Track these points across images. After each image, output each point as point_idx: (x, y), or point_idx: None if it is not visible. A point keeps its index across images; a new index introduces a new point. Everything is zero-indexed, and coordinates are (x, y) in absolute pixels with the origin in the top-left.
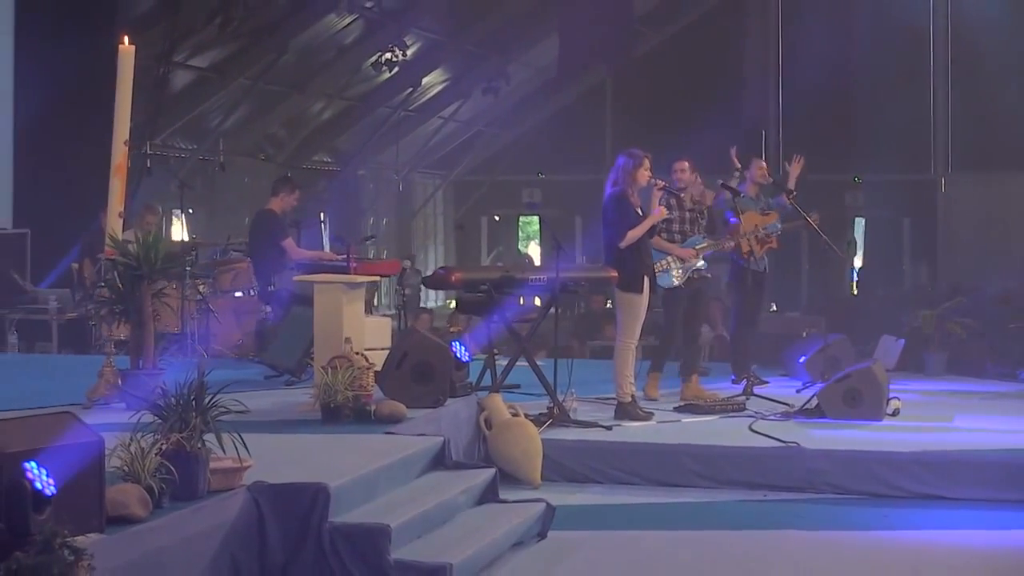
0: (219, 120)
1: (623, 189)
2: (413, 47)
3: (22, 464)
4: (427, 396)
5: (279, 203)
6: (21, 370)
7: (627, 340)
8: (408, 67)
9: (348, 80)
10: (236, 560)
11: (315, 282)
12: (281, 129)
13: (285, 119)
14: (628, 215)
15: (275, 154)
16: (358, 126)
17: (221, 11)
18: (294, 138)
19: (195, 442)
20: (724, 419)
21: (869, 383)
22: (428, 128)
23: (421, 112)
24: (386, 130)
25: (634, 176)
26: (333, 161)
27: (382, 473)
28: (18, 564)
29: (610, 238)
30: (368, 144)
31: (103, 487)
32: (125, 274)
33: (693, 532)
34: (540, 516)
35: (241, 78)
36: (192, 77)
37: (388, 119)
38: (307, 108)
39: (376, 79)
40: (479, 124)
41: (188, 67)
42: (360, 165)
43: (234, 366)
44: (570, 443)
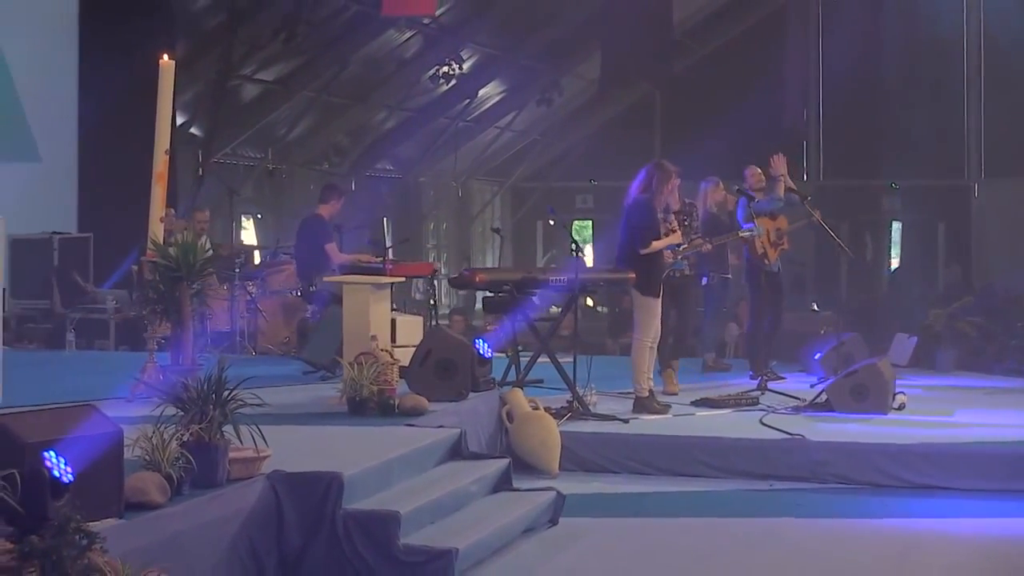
0: (285, 130)
1: (651, 197)
2: (470, 61)
3: (41, 453)
4: (449, 390)
5: (327, 209)
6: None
7: (644, 338)
8: (465, 80)
9: (408, 92)
10: (255, 544)
11: (344, 283)
12: (345, 138)
13: (348, 129)
14: (654, 222)
15: (339, 162)
16: (418, 135)
17: (284, 27)
18: (357, 146)
19: (213, 433)
20: (737, 413)
21: (875, 379)
22: (485, 137)
23: (478, 122)
24: (445, 139)
25: (662, 188)
26: (395, 169)
27: (397, 463)
28: (31, 547)
29: (631, 241)
30: (428, 153)
31: (122, 475)
32: (165, 276)
33: (699, 519)
34: (551, 504)
35: (305, 90)
36: (259, 90)
37: (447, 129)
38: (370, 118)
39: (435, 91)
40: (534, 134)
41: (255, 80)
42: (421, 173)
43: (277, 362)
44: (588, 435)
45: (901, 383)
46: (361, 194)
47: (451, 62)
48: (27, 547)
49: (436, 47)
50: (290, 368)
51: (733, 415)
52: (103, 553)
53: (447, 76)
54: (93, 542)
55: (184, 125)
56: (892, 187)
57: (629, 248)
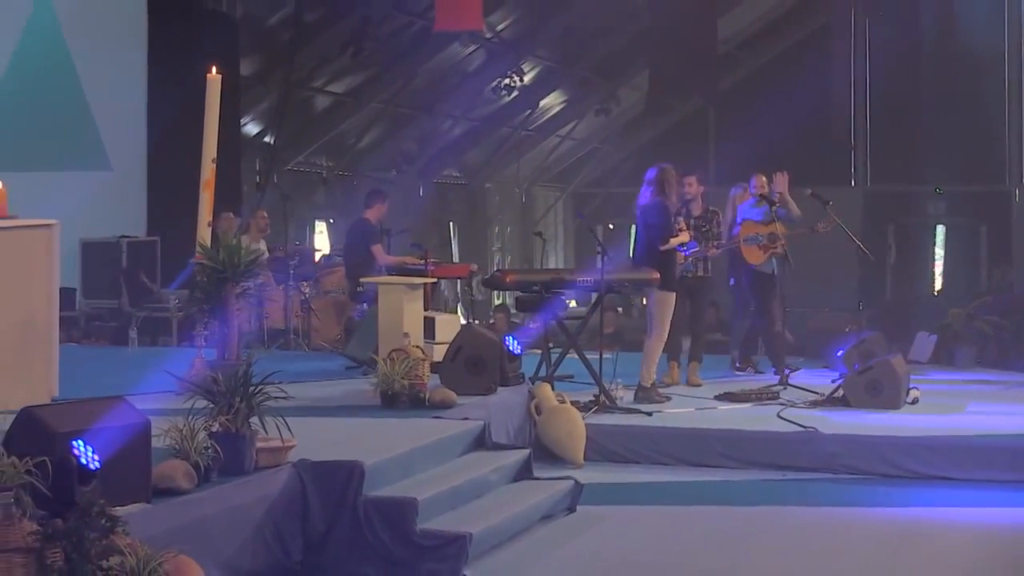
0: (355, 139)
1: (667, 199)
2: (531, 73)
3: (69, 442)
4: (479, 385)
5: (373, 213)
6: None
7: (661, 333)
8: (527, 91)
9: (472, 102)
10: (280, 528)
11: (379, 283)
12: (413, 146)
13: (416, 137)
14: (670, 222)
15: (407, 169)
16: (483, 143)
17: (352, 43)
18: (425, 154)
19: (240, 424)
20: (757, 407)
21: (889, 374)
22: (547, 145)
23: (540, 131)
24: (509, 147)
25: (673, 191)
26: (461, 175)
27: (421, 453)
28: (53, 529)
29: (652, 241)
30: (493, 159)
31: (149, 462)
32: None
33: (712, 507)
34: (569, 492)
35: (374, 102)
36: (330, 101)
37: (510, 137)
38: (436, 127)
39: (498, 102)
40: (593, 142)
41: (326, 92)
42: (486, 179)
43: (326, 359)
44: (613, 427)
45: (921, 379)
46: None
47: (512, 74)
48: (50, 529)
49: (498, 60)
50: (335, 364)
51: (753, 409)
52: (125, 535)
53: (508, 88)
54: (115, 525)
55: (259, 135)
56: (936, 192)
57: (648, 247)
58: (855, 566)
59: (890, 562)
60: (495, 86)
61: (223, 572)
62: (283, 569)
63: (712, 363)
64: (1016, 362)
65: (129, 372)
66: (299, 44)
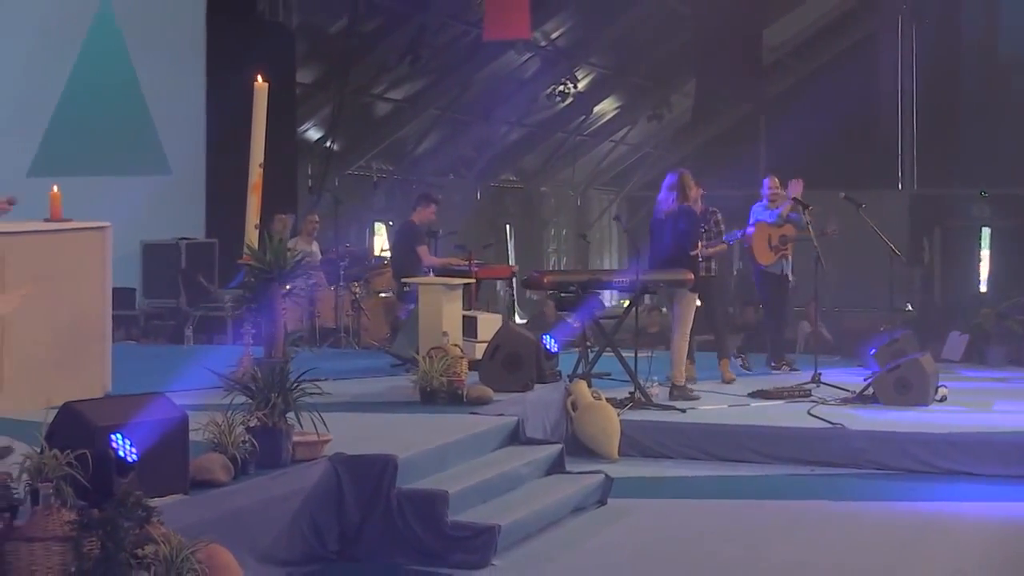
0: (413, 145)
1: (692, 204)
2: (585, 79)
3: (108, 436)
4: (516, 382)
5: (419, 216)
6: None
7: (685, 332)
8: (581, 97)
9: (528, 109)
10: (316, 519)
11: (419, 284)
12: (470, 151)
13: (473, 142)
14: (699, 227)
15: (465, 173)
16: (539, 148)
17: (409, 51)
18: (482, 158)
19: (276, 419)
20: (789, 404)
21: (917, 373)
22: (601, 150)
23: (594, 136)
24: (564, 152)
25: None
26: (518, 179)
27: (454, 447)
28: (89, 518)
29: (682, 244)
30: (548, 164)
31: (187, 455)
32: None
33: (739, 501)
34: (600, 485)
35: (432, 108)
36: (389, 108)
37: (565, 142)
38: (493, 132)
39: (553, 108)
40: (646, 147)
41: (386, 99)
42: (542, 183)
43: (373, 356)
44: (648, 423)
45: (952, 377)
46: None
47: (566, 81)
48: (86, 519)
49: (553, 67)
50: (382, 361)
51: (785, 406)
52: (160, 525)
53: (562, 94)
54: (150, 515)
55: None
56: (982, 195)
57: (678, 250)
58: (878, 558)
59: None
60: (549, 93)
61: (259, 561)
62: (318, 559)
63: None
64: None
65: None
66: (358, 53)
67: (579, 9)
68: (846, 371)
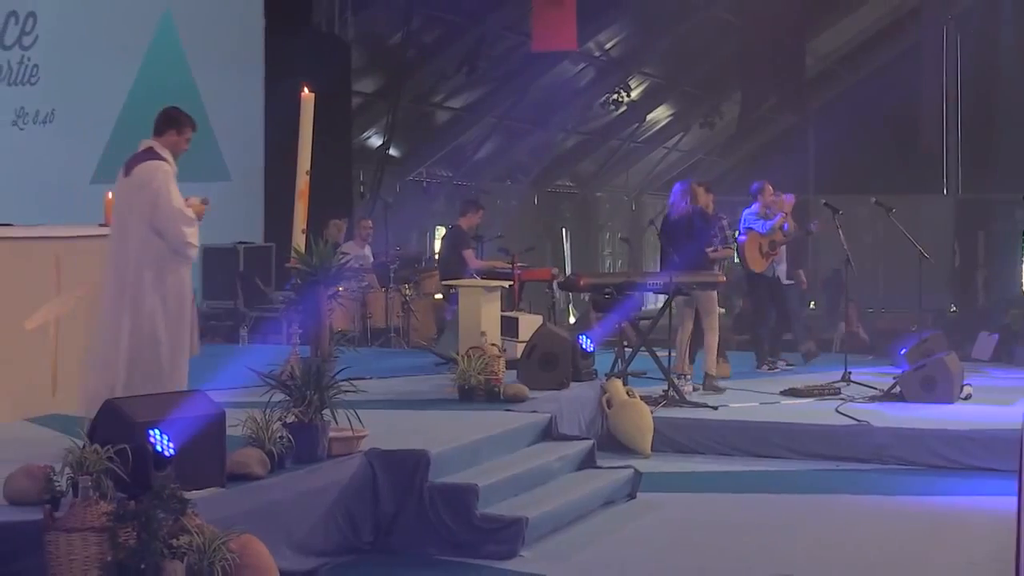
0: (472, 151)
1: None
2: (639, 88)
3: (146, 431)
4: (552, 381)
5: (466, 221)
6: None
7: (714, 326)
8: (634, 105)
9: (583, 116)
10: (351, 511)
11: (460, 286)
12: (527, 157)
13: (530, 149)
14: (713, 226)
15: (522, 179)
16: (594, 155)
17: (467, 61)
18: (538, 164)
19: (313, 415)
20: (819, 402)
21: (942, 371)
22: (655, 156)
23: (648, 143)
24: (618, 158)
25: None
26: (574, 184)
27: (487, 443)
28: (125, 510)
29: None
30: (603, 170)
31: (224, 449)
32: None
33: (765, 495)
34: (629, 479)
35: (489, 116)
36: (448, 116)
37: (619, 149)
38: (549, 139)
39: (607, 116)
40: (699, 153)
41: (445, 107)
42: (597, 188)
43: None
44: (680, 420)
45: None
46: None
47: (619, 90)
48: (122, 510)
49: (607, 76)
50: (428, 360)
51: (815, 404)
52: (195, 517)
53: (616, 103)
54: (185, 507)
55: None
56: None
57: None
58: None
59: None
60: (604, 101)
61: (295, 552)
62: (353, 549)
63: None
64: None
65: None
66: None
67: (632, 20)
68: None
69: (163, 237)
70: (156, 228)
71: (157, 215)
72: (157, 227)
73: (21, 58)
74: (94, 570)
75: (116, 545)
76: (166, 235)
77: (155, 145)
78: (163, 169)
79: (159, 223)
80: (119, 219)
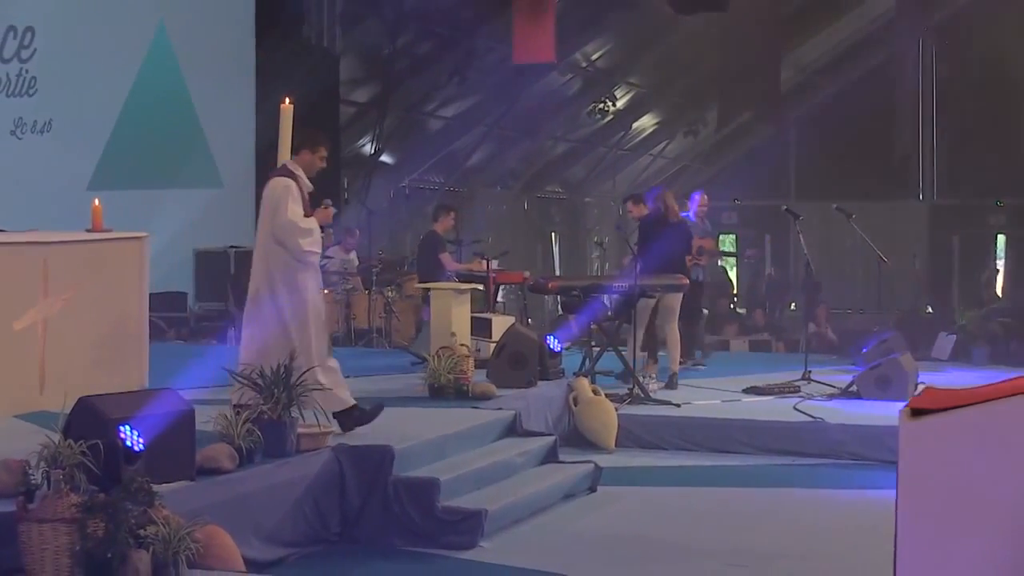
0: (464, 158)
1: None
2: (625, 98)
3: (117, 427)
4: (520, 379)
5: (440, 225)
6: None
7: (675, 324)
8: (621, 114)
9: (571, 125)
10: (319, 504)
11: (432, 288)
12: (518, 163)
13: (520, 156)
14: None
15: (513, 184)
16: (583, 161)
17: (457, 72)
18: (528, 171)
19: (281, 412)
20: (779, 399)
21: (897, 370)
22: (641, 163)
23: (634, 151)
24: (605, 165)
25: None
26: (563, 190)
27: (453, 438)
28: (93, 502)
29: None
30: (591, 176)
31: (193, 445)
32: None
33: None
34: (589, 474)
35: (480, 125)
36: (441, 124)
37: (606, 156)
38: (539, 146)
39: (594, 124)
40: (684, 160)
41: (437, 116)
42: (586, 194)
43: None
44: (645, 417)
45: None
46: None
47: (605, 100)
48: (91, 502)
49: (594, 87)
50: (403, 360)
51: (775, 401)
52: (162, 508)
53: (602, 112)
54: (152, 499)
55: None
56: (997, 204)
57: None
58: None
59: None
60: (590, 110)
61: (264, 542)
62: (321, 540)
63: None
64: None
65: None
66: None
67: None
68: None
69: (283, 247)
70: (276, 239)
71: (275, 227)
72: (276, 238)
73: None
74: (64, 559)
75: (85, 535)
76: (285, 245)
77: (288, 163)
78: (283, 184)
79: (277, 234)
80: (258, 229)
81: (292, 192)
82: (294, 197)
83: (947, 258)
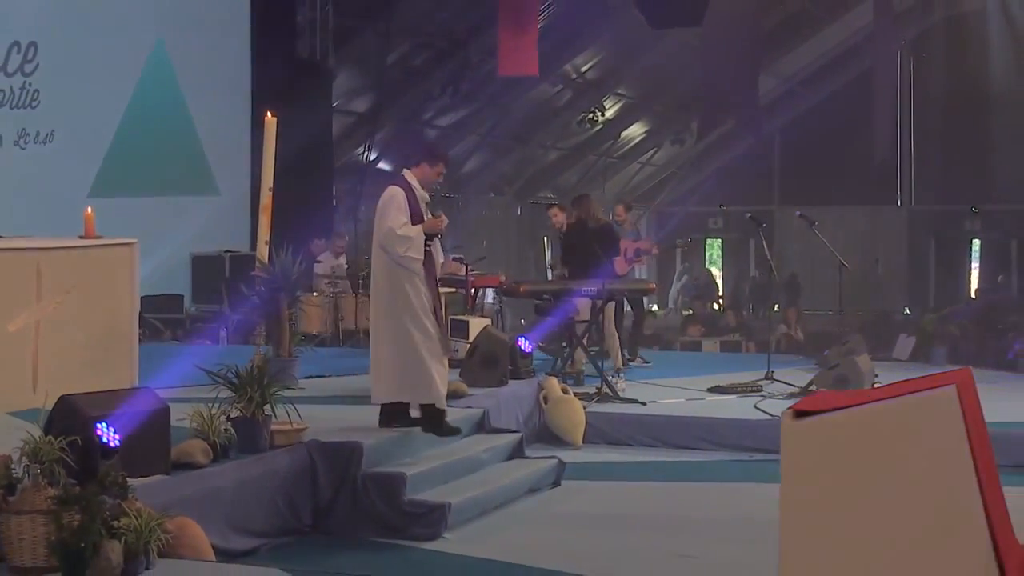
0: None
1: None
2: (614, 107)
3: (94, 424)
4: (491, 379)
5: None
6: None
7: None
8: (610, 123)
9: (561, 133)
10: (291, 497)
11: None
12: (511, 170)
13: (513, 163)
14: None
15: (506, 191)
16: (574, 168)
17: (451, 83)
18: (521, 177)
19: (254, 410)
20: (742, 398)
21: (854, 370)
22: (630, 170)
23: (623, 158)
24: (595, 172)
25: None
26: (555, 197)
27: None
28: (68, 494)
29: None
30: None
31: (168, 441)
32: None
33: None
34: (553, 468)
35: (474, 134)
36: (436, 133)
37: (596, 164)
38: (531, 154)
39: (584, 133)
40: (671, 167)
41: (433, 125)
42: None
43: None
44: (612, 415)
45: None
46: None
47: (594, 109)
48: (66, 495)
49: (583, 97)
50: None
51: (737, 400)
52: (136, 501)
53: (592, 121)
54: (126, 492)
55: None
56: (973, 211)
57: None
58: None
59: None
60: (580, 119)
61: (237, 533)
62: (293, 531)
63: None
64: (983, 359)
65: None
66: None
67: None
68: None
69: (385, 252)
70: (379, 244)
71: (378, 233)
72: (379, 243)
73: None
74: (41, 548)
75: (60, 526)
76: (386, 251)
77: (405, 172)
78: (390, 193)
79: (379, 240)
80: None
81: (397, 200)
82: (398, 205)
83: (924, 261)
